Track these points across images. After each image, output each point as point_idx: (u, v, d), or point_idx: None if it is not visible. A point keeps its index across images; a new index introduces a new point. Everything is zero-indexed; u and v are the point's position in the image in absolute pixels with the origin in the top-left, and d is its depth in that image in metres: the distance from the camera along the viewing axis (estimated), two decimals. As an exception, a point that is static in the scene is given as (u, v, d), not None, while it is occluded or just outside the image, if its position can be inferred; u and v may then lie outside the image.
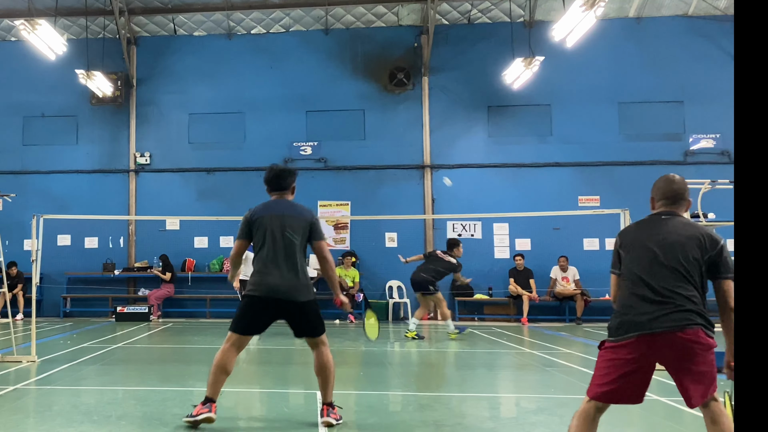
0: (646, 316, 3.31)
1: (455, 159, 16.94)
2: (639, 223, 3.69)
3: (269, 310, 4.94)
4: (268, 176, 5.24)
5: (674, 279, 3.35)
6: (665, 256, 3.40)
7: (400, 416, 5.57)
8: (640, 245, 3.50)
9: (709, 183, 7.67)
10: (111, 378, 7.36)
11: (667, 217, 3.57)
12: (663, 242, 3.44)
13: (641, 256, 3.47)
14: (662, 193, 3.66)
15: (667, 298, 3.32)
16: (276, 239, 4.96)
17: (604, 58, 16.55)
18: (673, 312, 3.29)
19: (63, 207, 16.11)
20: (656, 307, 3.31)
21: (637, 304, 3.37)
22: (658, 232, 3.50)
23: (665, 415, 5.49)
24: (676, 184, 3.65)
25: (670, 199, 3.63)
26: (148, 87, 17.63)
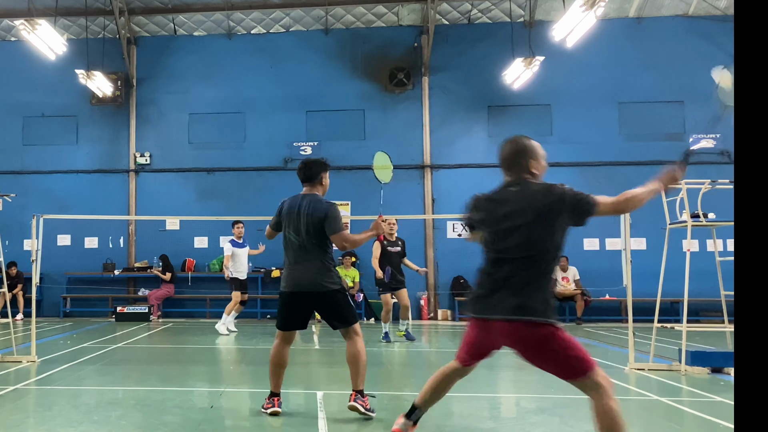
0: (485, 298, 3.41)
1: (455, 159, 16.94)
2: (491, 194, 3.73)
3: (301, 303, 5.20)
4: (298, 167, 5.53)
5: (516, 262, 3.38)
6: (503, 236, 3.39)
7: (400, 416, 5.55)
8: (491, 220, 3.54)
9: (709, 183, 7.67)
10: (111, 378, 7.36)
11: (515, 188, 3.60)
12: (508, 217, 3.43)
13: (492, 232, 3.47)
14: (499, 162, 3.70)
15: (503, 281, 3.36)
16: (293, 236, 5.19)
17: (604, 58, 16.55)
18: (508, 297, 3.33)
19: (63, 207, 16.11)
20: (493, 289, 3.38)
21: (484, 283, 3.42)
22: (503, 206, 3.51)
23: (665, 415, 5.49)
24: (504, 151, 3.71)
25: (505, 167, 3.71)
26: (148, 87, 17.63)
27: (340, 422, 5.09)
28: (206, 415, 5.33)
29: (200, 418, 5.21)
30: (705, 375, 7.38)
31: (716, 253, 7.92)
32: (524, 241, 3.35)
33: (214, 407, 5.73)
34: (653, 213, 10.35)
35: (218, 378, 7.47)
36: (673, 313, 14.81)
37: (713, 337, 10.49)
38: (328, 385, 6.93)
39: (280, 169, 17.02)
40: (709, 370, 7.48)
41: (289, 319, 5.28)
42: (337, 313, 5.18)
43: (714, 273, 7.79)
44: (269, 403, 5.28)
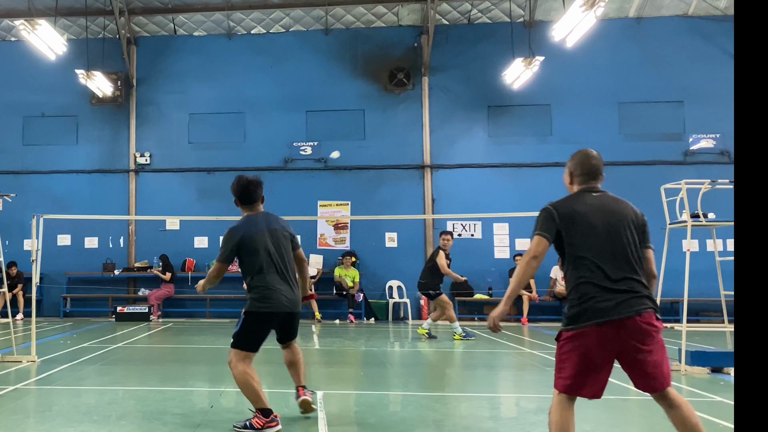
0: (607, 303, 3.26)
1: (455, 159, 16.94)
2: (573, 198, 3.62)
3: (274, 323, 5.10)
4: (237, 189, 5.20)
5: (627, 264, 3.34)
6: (614, 240, 3.37)
7: (400, 416, 5.57)
8: (585, 225, 3.42)
9: (709, 183, 7.67)
10: (111, 378, 7.36)
11: (599, 194, 3.60)
12: (607, 223, 3.40)
13: (589, 240, 3.39)
14: (584, 168, 3.67)
15: (624, 284, 3.30)
16: (274, 254, 5.01)
17: (604, 58, 16.54)
18: (631, 298, 3.26)
19: (63, 207, 16.11)
20: (615, 294, 3.27)
21: (597, 292, 3.31)
22: (597, 210, 3.47)
23: (665, 415, 5.48)
24: (595, 159, 3.71)
25: (590, 174, 3.67)
26: (148, 87, 17.63)
27: (340, 422, 5.08)
28: (206, 415, 5.33)
29: (200, 418, 5.22)
30: (705, 375, 7.38)
31: (716, 253, 7.92)
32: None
33: (214, 407, 5.73)
34: (653, 213, 10.36)
35: (218, 378, 7.47)
36: (673, 313, 14.81)
37: (713, 337, 10.50)
38: (328, 385, 6.93)
39: (280, 169, 17.02)
40: (709, 370, 7.48)
41: (261, 341, 5.07)
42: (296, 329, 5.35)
43: (714, 273, 7.79)
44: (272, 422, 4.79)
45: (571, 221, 3.46)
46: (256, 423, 4.75)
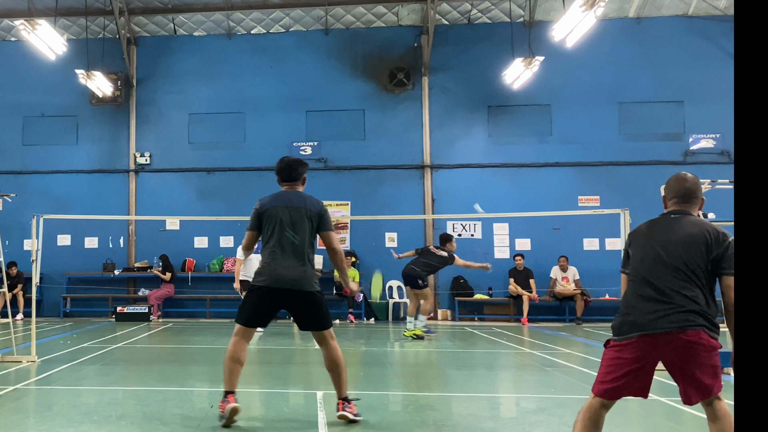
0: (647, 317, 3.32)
1: (455, 159, 16.94)
2: (650, 222, 3.67)
3: (275, 300, 4.94)
4: (279, 167, 5.36)
5: (677, 278, 3.34)
6: (668, 256, 3.39)
7: (400, 416, 5.57)
8: (647, 245, 3.50)
9: (709, 183, 7.67)
10: (111, 378, 7.36)
11: (677, 216, 3.56)
12: (668, 241, 3.43)
13: (646, 255, 3.47)
14: (674, 192, 3.64)
15: (669, 297, 3.31)
16: (284, 230, 4.98)
17: (604, 58, 16.54)
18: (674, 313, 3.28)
19: (63, 207, 16.11)
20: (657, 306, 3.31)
21: (639, 304, 3.38)
22: (666, 231, 3.49)
23: (665, 415, 5.49)
24: (687, 183, 3.63)
25: (681, 198, 3.61)
26: (148, 87, 17.63)
27: (340, 422, 5.08)
28: (206, 415, 5.33)
29: (200, 418, 5.21)
30: (705, 375, 7.36)
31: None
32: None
33: (214, 407, 5.73)
34: (653, 213, 10.36)
35: (218, 378, 7.45)
36: (673, 313, 14.79)
37: (713, 337, 10.47)
38: (328, 385, 6.92)
39: (280, 169, 16.99)
40: (709, 370, 7.46)
41: (256, 316, 5.02)
42: (316, 316, 4.98)
43: (714, 273, 7.77)
44: (224, 402, 4.83)
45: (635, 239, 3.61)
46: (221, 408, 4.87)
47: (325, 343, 5.00)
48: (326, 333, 4.98)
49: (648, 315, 3.31)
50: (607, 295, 15.62)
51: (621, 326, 3.42)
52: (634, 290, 3.44)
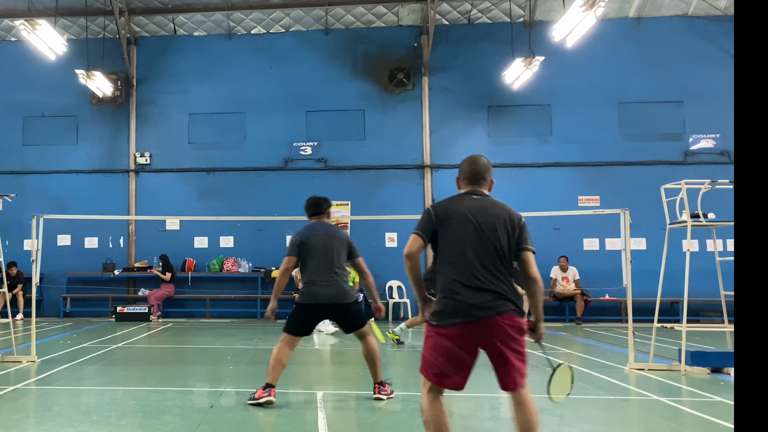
0: (468, 303, 3.34)
1: (455, 159, 16.84)
2: (452, 199, 3.69)
3: (319, 313, 5.98)
4: (308, 203, 6.29)
5: (493, 264, 3.41)
6: (483, 241, 3.43)
7: (400, 416, 5.57)
8: (458, 225, 3.49)
9: (709, 183, 7.67)
10: (111, 378, 7.36)
11: (478, 196, 3.65)
12: (479, 225, 3.47)
13: (460, 238, 3.46)
14: (466, 173, 3.76)
15: (487, 283, 3.37)
16: (322, 255, 5.92)
17: (604, 58, 16.54)
18: (491, 299, 3.34)
19: (63, 207, 16.11)
20: (475, 293, 3.35)
21: (460, 290, 3.38)
22: (472, 212, 3.53)
23: (665, 415, 5.49)
24: (478, 165, 3.79)
25: (471, 179, 3.74)
26: (148, 87, 17.63)
27: (340, 422, 5.09)
28: (206, 415, 5.33)
29: (200, 418, 5.21)
30: (705, 375, 7.38)
31: (716, 253, 7.92)
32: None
33: (214, 407, 5.73)
34: (653, 213, 10.36)
35: (218, 378, 7.47)
36: (673, 313, 14.81)
37: (713, 337, 10.50)
38: (328, 385, 6.94)
39: (280, 169, 17.02)
40: (709, 370, 7.48)
41: (302, 328, 5.97)
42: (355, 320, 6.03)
43: (714, 273, 7.79)
44: (265, 392, 5.63)
45: (447, 221, 3.55)
46: (257, 394, 5.67)
47: (364, 338, 6.00)
48: (364, 330, 6.02)
49: (469, 301, 3.34)
50: (607, 296, 15.62)
51: (445, 311, 3.40)
52: (453, 275, 3.42)
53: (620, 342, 10.53)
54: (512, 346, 3.46)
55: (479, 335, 3.38)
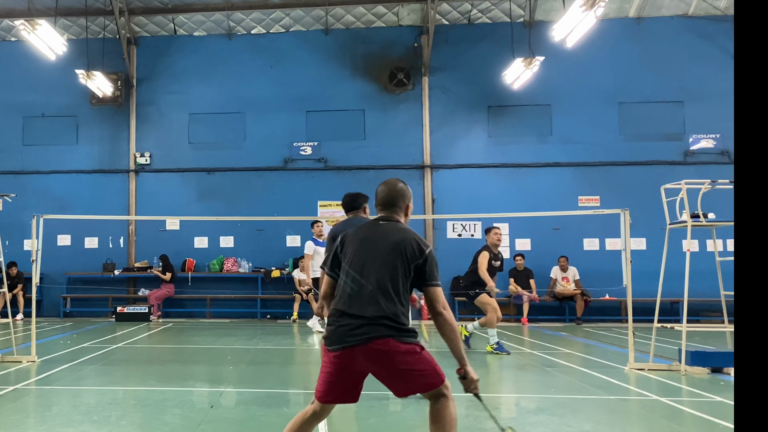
0: (344, 329, 3.29)
1: (455, 159, 16.95)
2: (361, 227, 3.64)
3: None
4: (344, 200, 6.23)
5: (375, 288, 3.32)
6: (371, 265, 3.37)
7: (400, 416, 5.57)
8: (354, 250, 3.46)
9: (709, 183, 7.67)
10: (111, 378, 7.36)
11: (385, 222, 3.57)
12: (373, 250, 3.41)
13: (353, 262, 3.43)
14: (378, 198, 3.66)
15: (361, 310, 3.29)
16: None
17: (604, 58, 16.55)
18: (364, 325, 3.26)
19: (63, 207, 16.12)
20: (351, 320, 3.29)
21: (341, 317, 3.34)
22: (372, 238, 3.48)
23: (665, 415, 5.49)
24: (390, 189, 3.63)
25: (383, 205, 3.64)
26: (148, 87, 17.63)
27: (340, 422, 5.09)
28: (206, 415, 5.33)
29: (200, 418, 5.21)
30: (705, 375, 7.38)
31: (716, 253, 7.92)
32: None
33: (214, 407, 5.73)
34: (653, 213, 10.36)
35: (218, 378, 7.47)
36: (673, 313, 14.81)
37: (713, 337, 10.50)
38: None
39: (280, 169, 17.03)
40: (709, 370, 7.48)
41: None
42: None
43: (714, 273, 7.79)
44: None
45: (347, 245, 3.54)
46: None
47: None
48: None
49: (344, 328, 3.29)
50: (607, 295, 15.62)
51: (329, 336, 3.37)
52: (339, 300, 3.41)
53: (620, 342, 10.53)
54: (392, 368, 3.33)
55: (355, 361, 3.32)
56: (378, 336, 3.25)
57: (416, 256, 3.40)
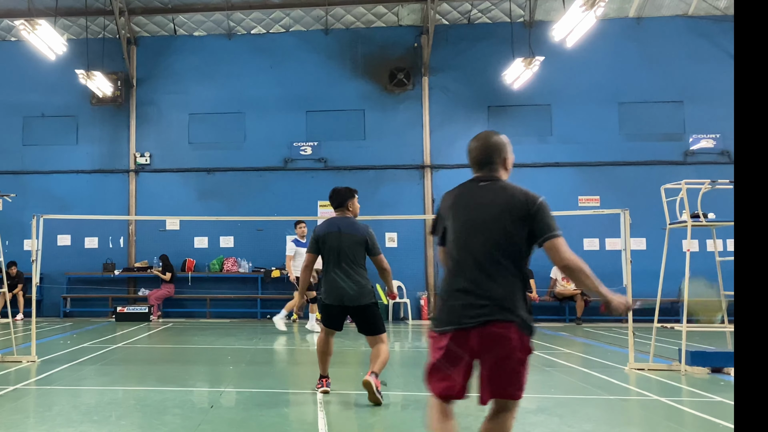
0: (458, 310, 2.99)
1: (455, 159, 16.93)
2: (459, 188, 3.29)
3: (343, 312, 5.98)
4: (330, 195, 6.29)
5: (491, 264, 2.98)
6: (477, 235, 3.02)
7: (400, 416, 5.57)
8: (456, 218, 3.13)
9: (709, 183, 7.67)
10: (111, 378, 7.36)
11: (484, 183, 3.18)
12: (476, 218, 3.05)
13: (458, 236, 3.09)
14: (471, 158, 3.28)
15: (477, 287, 2.97)
16: (338, 254, 5.89)
17: (604, 58, 16.54)
18: (483, 306, 2.94)
19: (63, 207, 16.12)
20: (467, 299, 2.97)
21: (452, 295, 3.05)
22: (472, 205, 3.11)
23: (665, 415, 5.49)
24: (481, 147, 3.24)
25: (478, 164, 3.26)
26: (148, 87, 17.63)
27: (340, 422, 5.09)
28: (206, 415, 5.33)
29: (200, 418, 5.21)
30: (705, 375, 7.38)
31: (716, 253, 7.93)
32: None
33: (214, 407, 5.73)
34: (653, 213, 10.36)
35: (218, 378, 7.47)
36: (673, 313, 14.81)
37: (713, 337, 10.50)
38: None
39: (280, 169, 17.02)
40: (709, 370, 7.49)
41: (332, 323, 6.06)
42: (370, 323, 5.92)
43: (714, 273, 7.79)
44: (319, 384, 6.16)
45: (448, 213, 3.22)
46: (317, 386, 6.16)
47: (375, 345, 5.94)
48: (379, 337, 5.92)
49: (458, 306, 2.99)
50: (607, 295, 15.60)
51: (438, 317, 3.09)
52: (449, 275, 3.10)
53: (620, 342, 10.53)
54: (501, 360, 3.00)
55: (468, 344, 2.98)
56: (497, 319, 2.92)
57: (527, 209, 3.00)
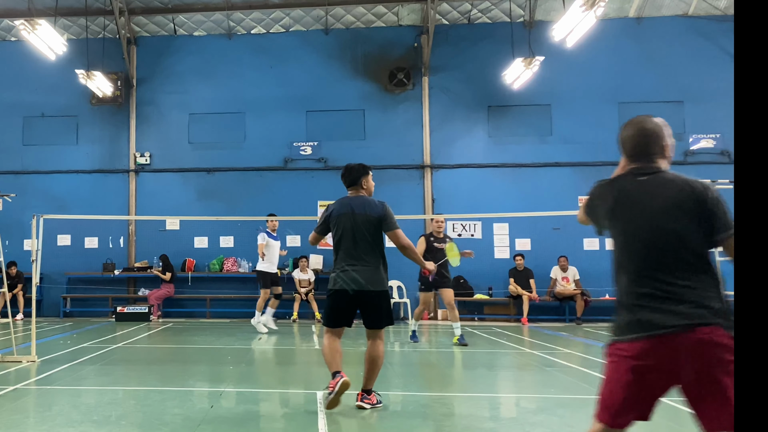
0: (645, 314, 2.60)
1: (455, 159, 16.95)
2: (612, 186, 2.88)
3: (353, 301, 5.40)
4: (342, 173, 5.88)
5: (675, 264, 2.61)
6: (658, 235, 2.64)
7: (400, 416, 5.56)
8: (633, 216, 2.73)
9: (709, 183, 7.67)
10: (111, 378, 7.36)
11: (645, 177, 2.79)
12: (644, 216, 2.69)
13: (625, 234, 2.76)
14: (625, 149, 2.88)
15: (673, 288, 2.58)
16: (353, 237, 5.43)
17: (604, 58, 16.55)
18: (680, 305, 2.55)
19: (63, 207, 16.12)
20: (661, 302, 2.58)
21: (642, 299, 2.63)
22: (638, 202, 2.73)
23: (665, 415, 5.48)
24: (636, 136, 2.80)
25: (634, 156, 2.86)
26: (148, 87, 17.63)
27: (340, 422, 5.08)
28: (206, 415, 5.33)
29: (200, 418, 5.21)
30: (705, 375, 7.36)
31: (716, 253, 7.92)
32: None
33: (214, 407, 5.73)
34: (653, 213, 10.36)
35: (218, 378, 7.47)
36: (673, 313, 14.79)
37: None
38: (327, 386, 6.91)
39: (280, 169, 17.02)
40: (709, 370, 7.46)
41: (339, 318, 5.50)
42: (377, 314, 5.44)
43: (714, 273, 7.78)
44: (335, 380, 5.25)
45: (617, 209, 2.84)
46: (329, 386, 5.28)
47: (372, 339, 5.52)
48: (380, 333, 5.52)
49: (646, 313, 2.61)
50: (607, 295, 15.61)
51: (623, 325, 2.69)
52: (624, 282, 2.74)
53: (620, 342, 10.50)
54: (716, 372, 2.46)
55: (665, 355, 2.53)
56: (701, 323, 2.48)
57: (699, 202, 2.64)
